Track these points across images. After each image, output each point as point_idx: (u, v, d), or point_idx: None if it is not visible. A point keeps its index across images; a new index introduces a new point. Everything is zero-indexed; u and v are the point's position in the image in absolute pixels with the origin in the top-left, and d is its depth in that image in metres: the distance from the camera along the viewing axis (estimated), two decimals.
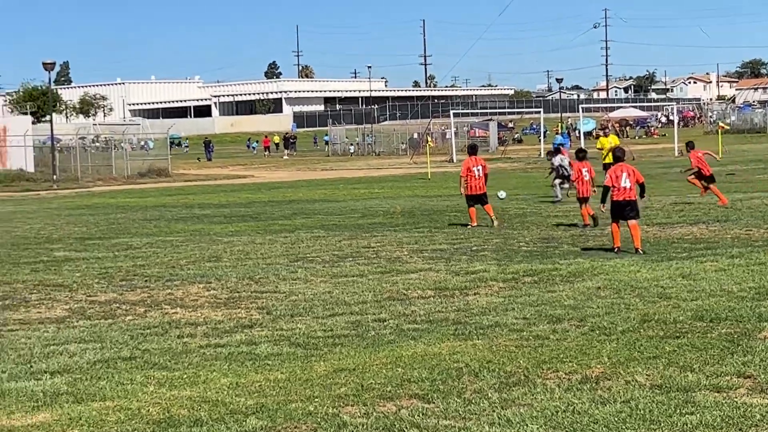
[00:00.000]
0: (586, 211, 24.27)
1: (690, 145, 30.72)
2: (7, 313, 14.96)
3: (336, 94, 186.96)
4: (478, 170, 25.40)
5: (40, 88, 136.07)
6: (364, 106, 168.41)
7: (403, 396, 9.56)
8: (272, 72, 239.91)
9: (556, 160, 33.39)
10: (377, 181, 52.64)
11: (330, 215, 31.00)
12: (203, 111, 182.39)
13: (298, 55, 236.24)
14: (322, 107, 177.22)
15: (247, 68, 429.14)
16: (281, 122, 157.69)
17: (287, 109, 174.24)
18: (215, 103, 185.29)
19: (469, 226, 25.09)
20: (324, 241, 23.38)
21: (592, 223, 23.95)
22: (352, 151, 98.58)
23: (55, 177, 59.57)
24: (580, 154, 25.78)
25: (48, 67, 62.48)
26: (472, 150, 26.53)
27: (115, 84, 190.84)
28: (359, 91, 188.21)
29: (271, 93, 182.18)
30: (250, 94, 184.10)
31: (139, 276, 18.50)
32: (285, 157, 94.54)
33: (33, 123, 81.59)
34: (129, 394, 10.00)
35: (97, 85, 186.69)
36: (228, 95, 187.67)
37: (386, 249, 21.37)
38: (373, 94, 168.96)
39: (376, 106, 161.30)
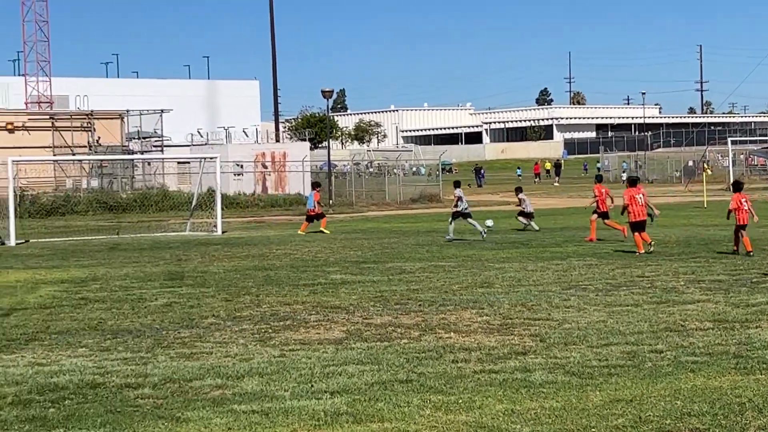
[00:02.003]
0: None
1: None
2: (288, 333, 15.46)
3: (608, 120, 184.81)
4: (640, 198, 27.00)
5: (317, 115, 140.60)
6: (636, 132, 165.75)
7: (683, 430, 9.33)
8: (543, 98, 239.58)
9: None
10: None
11: (602, 243, 30.60)
12: (474, 137, 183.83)
13: (569, 82, 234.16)
14: (593, 134, 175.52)
15: (519, 95, 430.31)
16: (552, 149, 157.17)
17: (558, 136, 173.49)
18: (486, 129, 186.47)
19: (637, 254, 26.23)
20: (597, 269, 23.11)
21: None
22: (624, 178, 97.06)
23: (331, 201, 61.25)
24: None
25: (326, 94, 64.45)
26: (633, 182, 28.17)
27: (389, 111, 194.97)
28: (632, 117, 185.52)
29: (542, 120, 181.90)
30: (520, 121, 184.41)
31: (413, 300, 18.77)
32: (555, 183, 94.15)
33: (311, 149, 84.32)
34: (406, 416, 10.14)
35: (371, 112, 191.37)
36: (499, 122, 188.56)
37: (661, 278, 20.93)
38: (647, 120, 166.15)
39: (650, 133, 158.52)
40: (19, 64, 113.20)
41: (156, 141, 76.90)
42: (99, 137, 71.76)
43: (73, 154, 68.48)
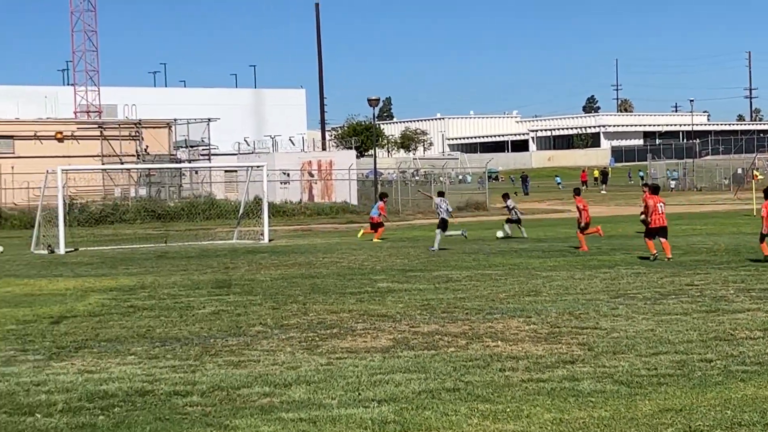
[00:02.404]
0: None
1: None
2: (335, 341, 15.48)
3: (656, 128, 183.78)
4: (661, 206, 27.98)
5: (363, 123, 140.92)
6: (684, 140, 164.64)
7: None
8: (590, 106, 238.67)
9: None
10: (699, 217, 51.28)
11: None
12: (520, 145, 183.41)
13: (617, 89, 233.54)
14: (641, 141, 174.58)
15: (565, 102, 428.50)
16: (599, 157, 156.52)
17: (605, 144, 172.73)
18: (532, 137, 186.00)
19: (651, 257, 27.38)
20: (645, 278, 22.97)
21: None
22: (672, 186, 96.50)
23: None
24: None
25: (372, 103, 64.58)
26: (655, 190, 29.11)
27: (435, 119, 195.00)
28: (680, 125, 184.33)
29: (589, 127, 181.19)
30: (567, 129, 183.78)
31: (460, 308, 18.74)
32: (602, 192, 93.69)
33: (357, 157, 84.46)
34: (454, 425, 10.12)
35: (417, 121, 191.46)
36: (545, 129, 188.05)
37: (711, 287, 20.78)
38: (695, 128, 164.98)
39: (698, 140, 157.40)
40: (68, 73, 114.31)
41: (203, 150, 77.32)
42: (147, 146, 72.30)
43: (122, 163, 69.03)
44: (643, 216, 28.85)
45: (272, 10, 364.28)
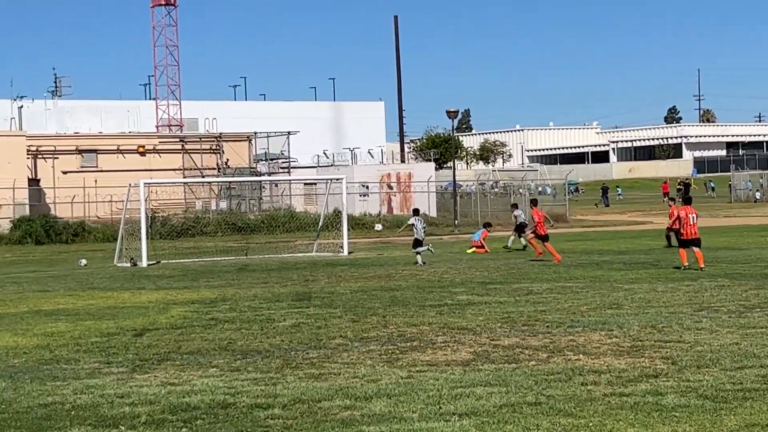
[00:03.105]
0: None
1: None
2: (415, 354, 15.46)
3: (739, 138, 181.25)
4: (693, 217, 28.58)
5: (442, 135, 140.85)
6: None
7: None
8: (672, 117, 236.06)
9: None
10: None
11: (734, 263, 30.00)
12: (601, 156, 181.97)
13: (699, 99, 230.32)
14: (723, 152, 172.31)
15: (647, 113, 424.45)
16: (680, 168, 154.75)
17: (687, 155, 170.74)
18: (613, 148, 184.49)
19: (682, 267, 28.04)
20: (729, 291, 22.66)
21: None
22: (758, 197, 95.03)
23: (456, 222, 61.18)
24: None
25: (451, 115, 64.45)
26: (688, 201, 29.70)
27: (514, 131, 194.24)
28: (764, 135, 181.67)
29: (671, 138, 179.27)
30: (648, 140, 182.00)
31: (541, 321, 18.63)
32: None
33: (436, 169, 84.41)
34: None
35: (496, 132, 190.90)
36: (626, 140, 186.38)
37: None
38: None
39: None
40: (150, 88, 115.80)
41: (283, 163, 77.81)
42: (228, 159, 72.92)
43: (203, 176, 69.71)
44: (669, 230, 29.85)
45: (351, 23, 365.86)
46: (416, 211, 36.73)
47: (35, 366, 15.26)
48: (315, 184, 68.24)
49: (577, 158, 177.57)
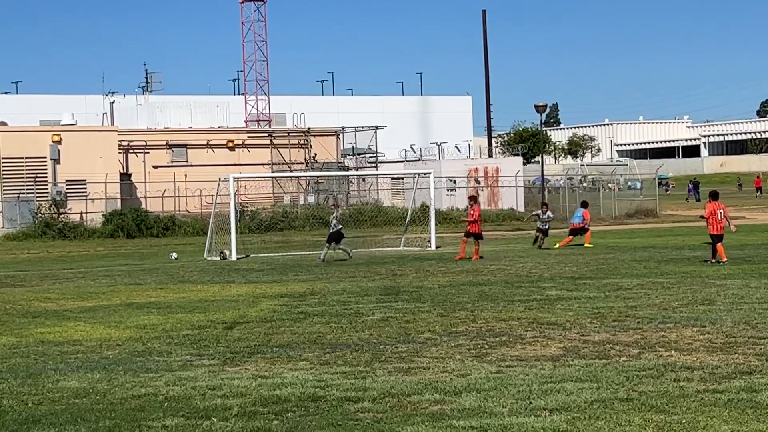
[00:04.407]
0: None
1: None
2: (505, 349, 15.41)
3: None
4: (720, 213, 29.35)
5: (530, 129, 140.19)
6: None
7: None
8: (765, 110, 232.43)
9: None
10: None
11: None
12: (691, 151, 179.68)
13: None
14: None
15: (739, 107, 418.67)
16: None
17: None
18: (704, 142, 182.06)
19: (721, 262, 28.69)
20: None
21: None
22: None
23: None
24: None
25: (540, 109, 64.09)
26: (714, 196, 29.97)
27: (603, 125, 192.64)
28: None
29: (764, 132, 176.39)
30: (741, 134, 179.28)
31: (631, 317, 18.45)
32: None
33: (523, 164, 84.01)
34: None
35: (585, 126, 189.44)
36: (718, 135, 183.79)
37: None
38: None
39: None
40: (239, 83, 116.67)
41: (370, 157, 78.00)
42: (315, 154, 73.27)
43: (291, 171, 70.12)
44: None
45: (439, 17, 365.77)
46: (336, 206, 39.26)
47: (128, 358, 15.48)
48: (402, 178, 68.34)
49: (667, 153, 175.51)
